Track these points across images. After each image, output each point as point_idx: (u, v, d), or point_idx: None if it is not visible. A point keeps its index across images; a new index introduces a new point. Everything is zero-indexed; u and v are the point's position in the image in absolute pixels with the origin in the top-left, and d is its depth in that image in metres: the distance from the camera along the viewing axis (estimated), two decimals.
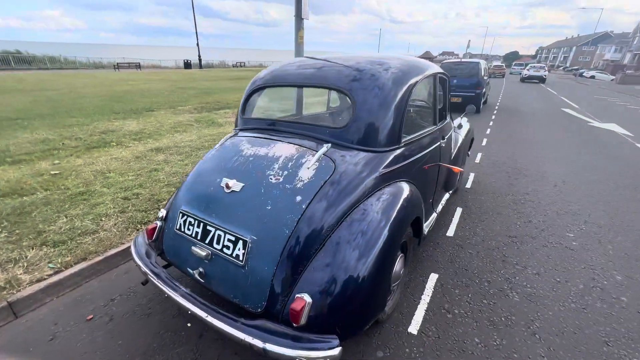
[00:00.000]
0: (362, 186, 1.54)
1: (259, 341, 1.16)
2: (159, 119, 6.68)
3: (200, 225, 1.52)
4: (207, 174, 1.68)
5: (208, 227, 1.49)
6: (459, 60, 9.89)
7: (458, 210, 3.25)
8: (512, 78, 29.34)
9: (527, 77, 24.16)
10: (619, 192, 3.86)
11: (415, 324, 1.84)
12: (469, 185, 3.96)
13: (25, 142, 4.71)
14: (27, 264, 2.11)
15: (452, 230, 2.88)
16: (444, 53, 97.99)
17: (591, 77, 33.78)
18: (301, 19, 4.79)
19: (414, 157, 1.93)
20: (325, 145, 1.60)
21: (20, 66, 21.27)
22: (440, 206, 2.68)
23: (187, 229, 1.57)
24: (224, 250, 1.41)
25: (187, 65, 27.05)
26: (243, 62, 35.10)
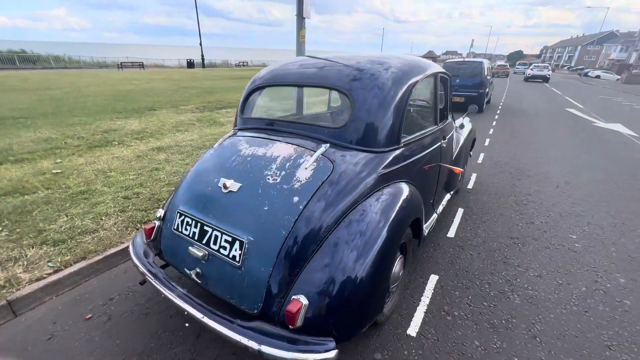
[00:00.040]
0: (361, 187, 1.52)
1: (254, 343, 1.15)
2: (161, 118, 6.70)
3: (198, 226, 1.51)
4: (205, 174, 1.67)
5: (205, 228, 1.48)
6: (462, 60, 9.83)
7: (459, 211, 3.22)
8: (516, 77, 29.15)
9: (531, 77, 24.80)
10: (623, 193, 3.81)
11: (415, 326, 1.82)
12: (470, 185, 3.93)
13: (28, 141, 4.74)
14: (27, 262, 2.11)
15: (453, 231, 2.85)
16: (447, 52, 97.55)
17: (596, 76, 33.48)
18: (302, 18, 4.78)
19: (414, 158, 1.91)
20: (324, 146, 1.59)
21: (25, 65, 21.45)
22: (441, 207, 2.66)
23: (185, 229, 1.57)
24: (221, 250, 1.40)
25: (190, 64, 27.12)
26: (246, 61, 35.15)
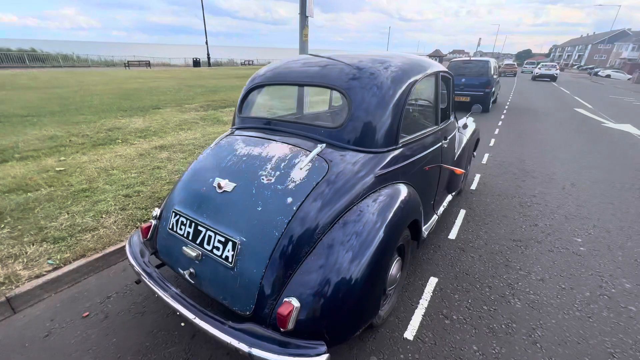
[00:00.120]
0: (357, 188, 1.49)
1: (244, 345, 1.14)
2: (165, 117, 6.73)
3: (192, 225, 1.50)
4: (201, 174, 1.66)
5: (199, 228, 1.47)
6: (468, 59, 9.69)
7: (461, 213, 3.17)
8: (524, 77, 28.76)
9: (539, 76, 24.82)
10: (630, 195, 3.72)
11: (412, 329, 1.79)
12: (474, 186, 3.87)
13: (34, 139, 4.80)
14: (27, 259, 2.13)
15: (454, 232, 2.81)
16: (454, 51, 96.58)
17: (607, 76, 32.88)
18: (306, 16, 4.76)
19: (413, 158, 1.88)
20: (320, 146, 1.57)
21: (34, 64, 21.79)
22: (442, 208, 2.62)
23: (180, 228, 1.56)
24: (214, 251, 1.39)
25: (196, 63, 27.28)
26: (251, 60, 35.24)
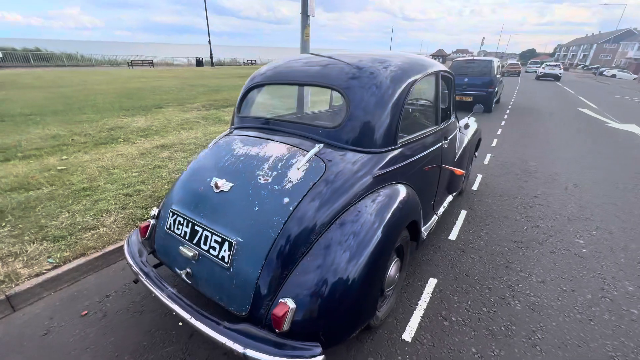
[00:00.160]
0: (354, 189, 1.48)
1: (239, 346, 1.13)
2: (166, 116, 6.75)
3: (189, 225, 1.50)
4: (199, 173, 1.66)
5: (196, 227, 1.47)
6: (471, 58, 9.65)
7: (462, 213, 3.15)
8: (528, 76, 28.58)
9: (542, 75, 24.72)
10: (634, 196, 3.68)
11: (410, 330, 1.78)
12: (475, 187, 3.85)
13: (37, 138, 4.83)
14: (27, 258, 2.14)
15: (454, 233, 2.79)
16: (458, 51, 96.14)
17: (612, 75, 32.58)
18: (307, 16, 4.75)
19: (413, 159, 1.86)
20: (317, 146, 1.56)
21: (39, 63, 21.96)
22: (442, 209, 2.60)
23: (177, 228, 1.56)
24: (211, 251, 1.39)
25: (199, 62, 27.34)
26: (254, 59, 35.26)
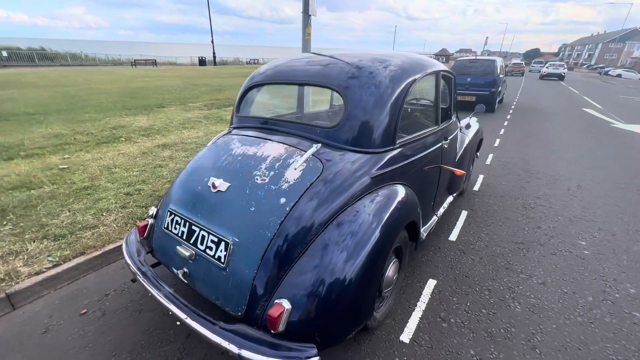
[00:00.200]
0: (352, 189, 1.48)
1: (234, 346, 1.13)
2: (169, 115, 6.78)
3: (186, 225, 1.50)
4: (197, 173, 1.66)
5: (193, 227, 1.47)
6: (474, 58, 9.58)
7: (463, 214, 3.13)
8: (532, 76, 28.38)
9: (546, 75, 24.66)
10: (637, 198, 3.63)
11: (408, 332, 1.77)
12: (476, 187, 3.82)
13: (40, 137, 4.87)
14: (28, 256, 2.15)
15: (455, 234, 2.77)
16: (461, 50, 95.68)
17: (617, 75, 32.27)
18: (308, 15, 4.74)
19: (412, 159, 1.85)
20: (315, 146, 1.55)
21: (43, 63, 22.14)
22: (442, 209, 2.58)
23: (174, 228, 1.56)
24: (207, 251, 1.39)
25: (202, 62, 27.43)
26: (257, 59, 35.30)
